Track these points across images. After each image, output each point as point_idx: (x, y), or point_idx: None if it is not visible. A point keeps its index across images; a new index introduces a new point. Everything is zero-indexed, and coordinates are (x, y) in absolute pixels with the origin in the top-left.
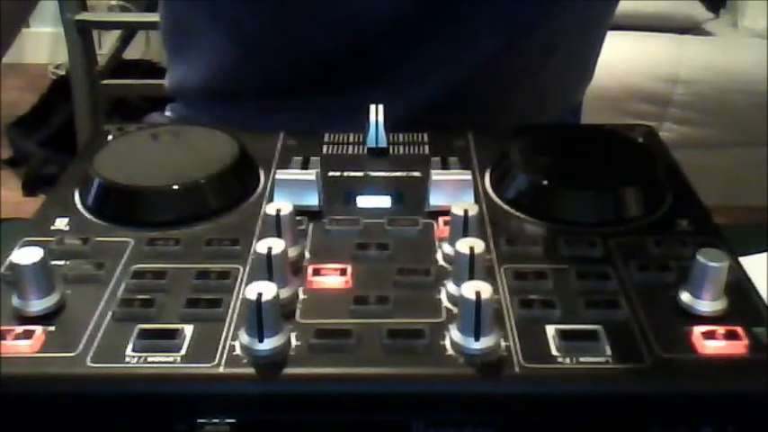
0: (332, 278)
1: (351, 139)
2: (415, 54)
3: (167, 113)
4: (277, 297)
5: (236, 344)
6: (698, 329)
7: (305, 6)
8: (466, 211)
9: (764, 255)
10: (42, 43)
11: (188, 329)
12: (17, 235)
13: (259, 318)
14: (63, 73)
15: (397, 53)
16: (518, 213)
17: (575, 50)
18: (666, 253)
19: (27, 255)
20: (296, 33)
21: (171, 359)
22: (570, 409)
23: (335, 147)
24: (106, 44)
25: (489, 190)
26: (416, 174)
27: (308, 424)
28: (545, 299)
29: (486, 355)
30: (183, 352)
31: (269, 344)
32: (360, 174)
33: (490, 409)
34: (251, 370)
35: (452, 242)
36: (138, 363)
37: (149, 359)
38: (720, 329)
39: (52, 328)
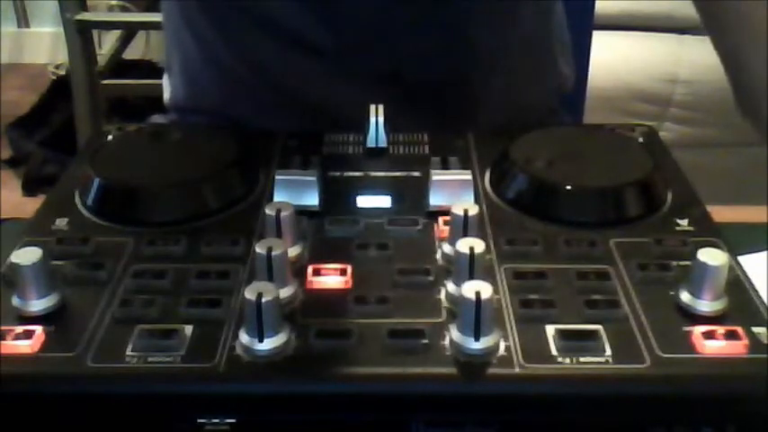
0: (332, 278)
1: (351, 139)
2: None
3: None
4: (277, 297)
5: (236, 344)
6: (698, 329)
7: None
8: (466, 211)
9: (764, 254)
10: (42, 43)
11: (188, 329)
12: (17, 235)
13: (259, 318)
14: (63, 73)
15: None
16: (518, 213)
17: (533, 42)
18: (666, 253)
19: (27, 255)
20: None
21: (171, 359)
22: (570, 409)
23: (335, 147)
24: (106, 44)
25: (489, 190)
26: (416, 174)
27: (308, 424)
28: (545, 299)
29: (486, 355)
30: (182, 352)
31: (269, 344)
32: (360, 174)
33: (490, 409)
34: (251, 370)
35: (452, 242)
36: (138, 363)
37: (149, 359)
38: (720, 329)
39: (52, 328)
